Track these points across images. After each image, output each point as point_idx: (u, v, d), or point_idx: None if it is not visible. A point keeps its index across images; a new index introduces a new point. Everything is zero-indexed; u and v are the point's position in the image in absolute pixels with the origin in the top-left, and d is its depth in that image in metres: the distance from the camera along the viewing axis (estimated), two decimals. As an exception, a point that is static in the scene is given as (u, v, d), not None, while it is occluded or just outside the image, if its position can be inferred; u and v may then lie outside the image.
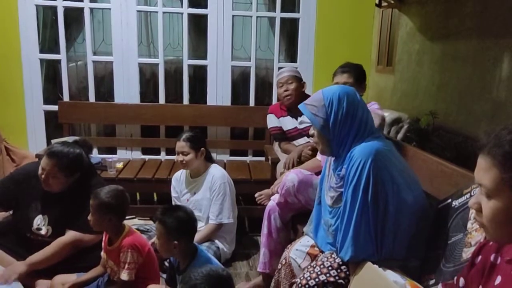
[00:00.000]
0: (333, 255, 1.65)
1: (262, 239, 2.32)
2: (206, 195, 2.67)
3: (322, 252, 1.75)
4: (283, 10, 3.62)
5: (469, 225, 1.41)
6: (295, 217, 2.30)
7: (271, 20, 3.80)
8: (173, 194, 2.83)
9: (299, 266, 1.82)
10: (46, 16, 3.65)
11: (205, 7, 3.53)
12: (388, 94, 6.13)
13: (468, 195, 1.48)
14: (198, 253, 1.96)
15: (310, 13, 3.62)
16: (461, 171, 1.66)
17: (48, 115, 3.62)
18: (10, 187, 2.34)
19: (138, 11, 3.54)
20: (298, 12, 3.64)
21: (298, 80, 2.92)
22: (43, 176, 2.25)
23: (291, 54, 3.85)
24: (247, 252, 2.87)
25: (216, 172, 2.69)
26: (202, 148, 2.66)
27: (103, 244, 2.16)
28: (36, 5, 3.48)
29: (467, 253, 1.35)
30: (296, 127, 2.92)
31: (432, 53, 4.23)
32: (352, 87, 1.74)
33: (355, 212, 1.52)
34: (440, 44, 4.08)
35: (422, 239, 1.58)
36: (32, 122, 3.60)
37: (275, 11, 3.63)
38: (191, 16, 3.63)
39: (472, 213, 1.09)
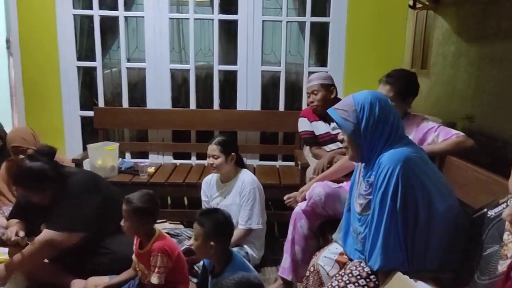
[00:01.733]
0: (362, 264, 1.62)
1: (286, 245, 2.32)
2: (236, 200, 2.68)
3: (351, 260, 1.73)
4: (313, 14, 3.60)
5: (505, 236, 1.36)
6: (324, 224, 2.27)
7: (301, 25, 3.78)
8: (203, 198, 2.86)
9: (328, 274, 1.80)
10: (83, 24, 3.77)
11: (236, 13, 3.56)
12: (422, 97, 6.00)
13: (504, 205, 1.42)
14: (233, 257, 1.99)
15: (341, 17, 3.58)
16: (497, 179, 1.60)
17: (84, 120, 3.74)
18: (20, 210, 2.45)
19: (170, 18, 3.61)
20: (329, 16, 3.62)
21: (325, 87, 2.89)
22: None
23: (321, 58, 3.82)
24: (277, 258, 2.84)
25: (246, 178, 2.70)
26: (233, 153, 2.67)
27: (134, 247, 2.21)
28: (74, 14, 3.60)
29: (502, 266, 1.30)
30: (328, 132, 2.89)
31: (468, 55, 4.11)
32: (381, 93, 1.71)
33: (383, 220, 1.49)
34: (477, 46, 3.96)
35: (456, 249, 1.53)
36: (69, 128, 3.72)
37: (305, 16, 3.62)
38: (222, 22, 3.67)
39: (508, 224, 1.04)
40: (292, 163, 3.64)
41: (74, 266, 2.37)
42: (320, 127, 2.92)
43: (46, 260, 2.40)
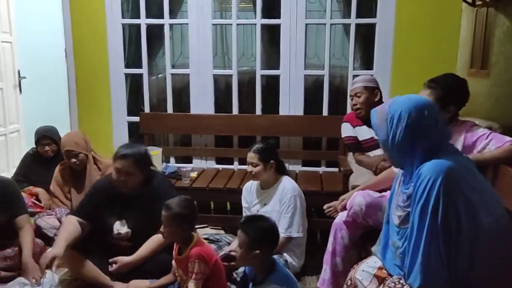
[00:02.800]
0: (401, 281, 1.53)
1: (326, 256, 2.25)
2: (276, 207, 2.64)
3: (390, 275, 1.64)
4: (358, 15, 3.50)
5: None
6: (366, 234, 2.18)
7: (346, 27, 3.69)
8: (244, 204, 2.84)
9: (365, 288, 1.72)
10: (131, 33, 3.89)
11: (278, 17, 3.53)
12: (481, 100, 5.69)
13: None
14: (276, 267, 1.96)
15: (388, 18, 3.45)
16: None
17: (131, 126, 3.85)
18: (90, 204, 2.56)
19: (213, 24, 3.64)
20: (375, 17, 3.50)
21: (368, 90, 2.79)
22: (121, 177, 2.44)
23: (366, 61, 3.70)
24: (318, 266, 2.78)
25: (287, 185, 2.65)
26: (272, 161, 2.64)
27: (173, 253, 2.23)
28: (122, 24, 3.72)
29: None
30: (372, 138, 2.79)
31: (530, 54, 3.82)
32: (428, 99, 1.59)
33: (423, 235, 1.40)
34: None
35: (505, 267, 1.41)
36: (117, 133, 3.85)
37: (350, 17, 3.52)
38: (264, 27, 3.65)
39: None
40: (336, 169, 3.55)
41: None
42: (364, 132, 2.82)
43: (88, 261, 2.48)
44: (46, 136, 3.39)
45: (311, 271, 2.75)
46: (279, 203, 2.63)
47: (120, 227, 2.50)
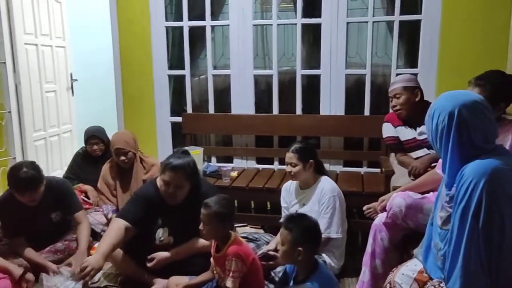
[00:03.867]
0: (441, 284, 1.47)
1: (365, 257, 2.20)
2: (315, 208, 2.62)
3: (431, 279, 1.58)
4: (402, 12, 3.41)
5: None
6: (407, 237, 2.12)
7: (389, 24, 3.60)
8: (283, 204, 2.84)
9: (405, 292, 1.67)
10: (175, 35, 3.99)
11: (319, 16, 3.50)
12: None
13: None
14: (319, 267, 1.96)
15: (434, 14, 3.34)
16: None
17: (174, 126, 3.95)
18: (136, 209, 2.54)
19: (254, 25, 3.67)
20: (420, 13, 3.39)
21: (409, 90, 2.70)
22: (169, 190, 2.44)
23: (410, 59, 3.59)
24: (358, 268, 2.73)
25: (326, 185, 2.63)
26: (311, 160, 2.62)
27: (212, 251, 2.27)
28: (166, 26, 3.83)
29: None
30: (414, 138, 2.71)
31: None
32: (478, 96, 1.52)
33: (463, 238, 1.35)
34: None
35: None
36: (161, 133, 3.96)
37: (393, 15, 3.43)
38: (305, 26, 3.64)
39: None
40: (378, 170, 3.47)
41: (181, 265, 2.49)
42: (405, 133, 2.74)
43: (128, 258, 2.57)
44: (94, 135, 3.55)
45: (350, 273, 2.71)
46: (318, 204, 2.61)
47: (163, 234, 2.55)
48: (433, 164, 2.44)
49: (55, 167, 4.43)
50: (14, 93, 3.91)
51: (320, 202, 2.59)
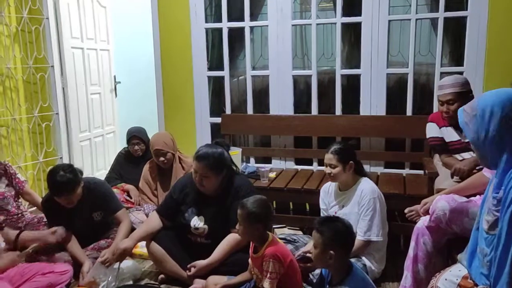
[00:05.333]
0: (487, 291, 1.41)
1: (407, 262, 2.13)
2: (354, 210, 2.57)
3: (476, 285, 1.51)
4: (447, 9, 3.29)
5: None
6: (452, 241, 2.04)
7: (433, 21, 3.48)
8: (322, 206, 2.80)
9: (448, 298, 1.61)
10: (214, 37, 4.03)
11: (359, 15, 3.43)
12: None
13: None
14: (353, 270, 1.93)
15: (481, 10, 3.20)
16: None
17: (214, 126, 3.98)
18: (171, 202, 2.68)
19: (293, 25, 3.65)
20: (466, 9, 3.26)
21: (463, 96, 2.54)
22: (197, 178, 2.52)
23: (456, 57, 3.45)
24: (400, 273, 2.65)
25: (365, 187, 2.57)
26: (351, 162, 2.57)
27: (250, 251, 2.27)
28: (206, 28, 3.87)
29: None
30: (460, 140, 2.60)
31: None
32: None
33: (512, 243, 1.27)
34: None
35: None
36: (200, 133, 4.01)
37: (437, 11, 3.32)
38: (345, 25, 3.58)
39: None
40: (421, 172, 3.36)
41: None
42: (451, 134, 2.64)
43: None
44: (135, 136, 3.65)
45: (391, 278, 2.63)
46: (357, 206, 2.55)
47: (198, 222, 2.60)
48: (478, 167, 2.33)
49: (99, 167, 4.59)
50: (61, 95, 4.09)
51: (359, 204, 2.54)
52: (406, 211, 2.27)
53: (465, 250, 1.71)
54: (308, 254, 2.42)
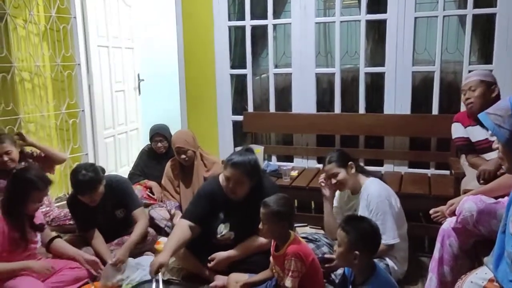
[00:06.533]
0: (514, 296, 1.37)
1: (432, 263, 2.08)
2: (365, 214, 2.48)
3: (502, 288, 1.47)
4: (476, 5, 3.20)
5: None
6: (479, 244, 1.98)
7: (461, 18, 3.40)
8: (335, 204, 2.74)
9: (473, 301, 1.57)
10: (237, 35, 4.04)
11: (384, 12, 3.38)
12: None
13: None
14: (377, 271, 1.90)
15: (510, 6, 3.11)
16: None
17: (236, 124, 3.99)
18: (200, 208, 2.61)
19: (316, 23, 3.62)
20: (495, 6, 3.17)
21: (485, 84, 2.55)
22: (229, 185, 2.49)
23: (485, 54, 3.37)
24: (424, 275, 2.60)
25: (371, 190, 2.47)
26: (350, 162, 2.52)
27: (271, 250, 2.27)
28: (229, 26, 3.88)
29: None
30: (487, 139, 2.53)
31: None
32: None
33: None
34: None
35: None
36: (222, 131, 4.02)
37: (466, 8, 3.24)
38: (369, 23, 3.53)
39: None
40: (447, 172, 3.29)
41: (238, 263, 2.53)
42: (477, 133, 2.57)
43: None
44: (158, 133, 3.69)
45: (415, 279, 2.58)
46: (367, 210, 2.46)
47: (224, 230, 2.59)
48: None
49: (123, 163, 4.67)
50: (87, 93, 4.17)
51: (368, 209, 2.45)
52: (431, 212, 2.23)
53: (491, 254, 1.66)
54: (327, 255, 2.43)
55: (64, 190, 4.10)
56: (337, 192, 2.73)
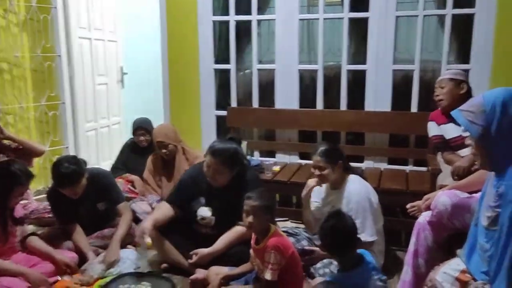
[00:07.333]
0: (485, 286, 1.42)
1: (407, 256, 2.14)
2: (344, 211, 2.52)
3: (474, 279, 1.53)
4: (455, 5, 3.28)
5: None
6: (453, 237, 2.05)
7: (440, 18, 3.47)
8: (313, 199, 2.75)
9: (445, 291, 1.63)
10: (221, 30, 4.04)
11: (367, 10, 3.43)
12: None
13: None
14: (364, 261, 1.97)
15: (489, 7, 3.19)
16: None
17: (219, 119, 4.00)
18: (182, 192, 2.69)
19: (300, 19, 3.65)
20: (474, 6, 3.25)
21: (454, 82, 2.68)
22: (210, 172, 2.52)
23: (463, 55, 3.45)
24: (401, 268, 2.66)
25: (352, 189, 2.51)
26: (340, 161, 2.55)
27: (251, 243, 2.29)
28: (213, 21, 3.88)
29: None
30: (460, 135, 2.61)
31: None
32: None
33: (512, 239, 1.29)
34: None
35: None
36: (206, 126, 4.03)
37: (445, 8, 3.31)
38: (352, 21, 3.58)
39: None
40: (424, 169, 3.37)
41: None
42: (450, 130, 2.66)
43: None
44: (141, 127, 3.67)
45: (392, 272, 2.64)
46: (346, 208, 2.48)
47: (206, 213, 2.63)
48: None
49: (105, 157, 4.62)
50: (68, 85, 4.11)
51: (348, 206, 2.48)
52: (408, 206, 2.28)
53: (464, 246, 1.73)
54: (307, 248, 2.48)
55: (43, 183, 4.05)
56: (316, 188, 2.77)
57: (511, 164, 1.37)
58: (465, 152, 2.55)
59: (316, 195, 2.76)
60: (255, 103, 3.86)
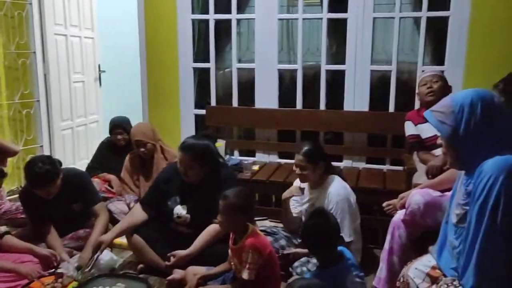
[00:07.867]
0: (454, 282, 1.46)
1: (382, 254, 2.19)
2: None
3: (444, 275, 1.57)
4: (430, 8, 3.34)
5: None
6: (426, 235, 2.09)
7: (416, 20, 3.53)
8: (294, 198, 2.80)
9: (417, 287, 1.67)
10: (201, 28, 4.03)
11: (345, 11, 3.46)
12: None
13: None
14: (344, 258, 2.01)
15: (463, 10, 3.26)
16: None
17: (198, 118, 3.98)
18: (158, 191, 2.69)
19: (279, 19, 3.66)
20: (448, 9, 3.32)
21: (444, 81, 2.74)
22: (182, 168, 2.53)
23: (438, 56, 3.51)
24: (377, 265, 2.70)
25: (332, 189, 2.54)
26: (321, 162, 2.57)
27: (229, 242, 2.28)
28: (192, 19, 3.86)
29: None
30: (435, 135, 2.65)
31: None
32: (489, 91, 1.52)
33: (480, 235, 1.33)
34: None
35: None
36: (185, 125, 4.00)
37: (420, 11, 3.37)
38: (331, 21, 3.60)
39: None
40: (401, 168, 3.42)
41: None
42: (426, 130, 2.71)
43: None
44: (118, 125, 3.62)
45: (369, 270, 2.67)
46: (326, 207, 2.54)
47: (181, 211, 2.61)
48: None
49: (82, 156, 4.55)
50: (43, 82, 4.03)
51: (328, 207, 2.50)
52: (384, 205, 2.33)
53: (436, 243, 1.76)
54: (285, 252, 2.52)
55: (16, 183, 3.96)
56: (295, 184, 2.79)
57: (480, 163, 1.40)
58: (439, 151, 2.59)
59: (296, 199, 2.78)
60: (235, 102, 3.86)
